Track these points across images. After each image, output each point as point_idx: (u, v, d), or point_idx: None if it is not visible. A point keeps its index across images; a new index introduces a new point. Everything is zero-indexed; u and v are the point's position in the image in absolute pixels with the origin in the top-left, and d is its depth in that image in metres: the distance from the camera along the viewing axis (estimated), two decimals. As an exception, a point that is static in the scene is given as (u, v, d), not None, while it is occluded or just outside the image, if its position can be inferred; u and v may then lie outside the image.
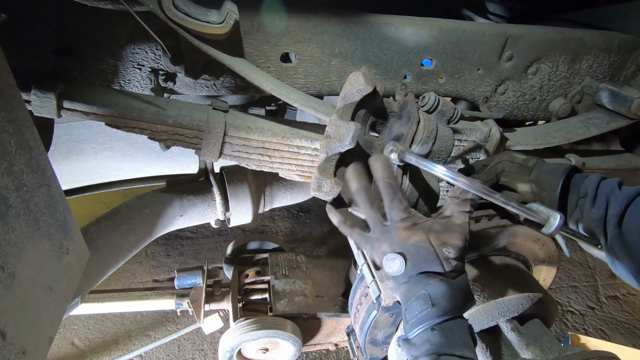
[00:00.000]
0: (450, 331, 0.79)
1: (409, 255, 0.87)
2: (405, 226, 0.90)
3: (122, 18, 1.17)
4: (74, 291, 1.02)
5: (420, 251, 0.86)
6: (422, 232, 0.88)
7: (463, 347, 0.78)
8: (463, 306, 0.85)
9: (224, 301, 1.87)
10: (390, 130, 1.21)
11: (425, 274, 0.85)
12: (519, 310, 1.30)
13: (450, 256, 0.86)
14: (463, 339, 0.80)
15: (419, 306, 0.83)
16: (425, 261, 0.86)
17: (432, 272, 0.85)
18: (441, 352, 0.76)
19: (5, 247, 0.73)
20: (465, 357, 0.76)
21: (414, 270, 0.86)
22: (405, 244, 0.87)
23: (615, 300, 2.74)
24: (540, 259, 1.53)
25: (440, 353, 0.76)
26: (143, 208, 1.51)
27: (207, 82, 1.35)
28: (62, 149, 1.89)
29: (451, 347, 0.77)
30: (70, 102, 1.07)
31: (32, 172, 0.81)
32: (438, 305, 0.81)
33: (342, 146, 1.06)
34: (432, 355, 0.76)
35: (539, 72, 1.54)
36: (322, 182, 1.09)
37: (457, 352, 0.76)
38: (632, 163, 1.77)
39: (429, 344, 0.78)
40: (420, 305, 0.83)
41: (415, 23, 1.36)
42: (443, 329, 0.79)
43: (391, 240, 0.89)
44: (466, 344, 0.80)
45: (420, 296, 0.83)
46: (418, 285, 0.84)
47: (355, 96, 1.09)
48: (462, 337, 0.80)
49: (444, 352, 0.76)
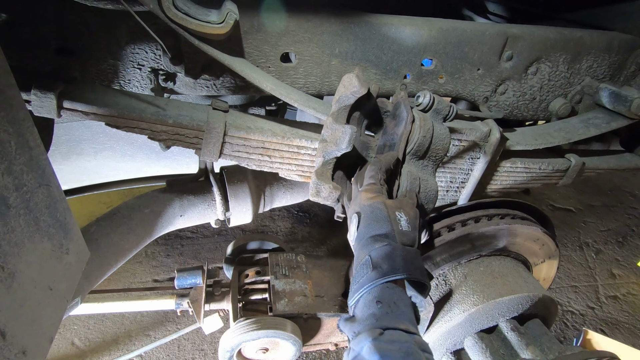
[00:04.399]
0: (396, 305, 0.77)
1: (363, 215, 0.90)
2: (368, 189, 0.95)
3: (122, 18, 1.17)
4: (74, 291, 1.01)
5: (374, 211, 0.89)
6: (381, 197, 0.92)
7: (408, 322, 0.75)
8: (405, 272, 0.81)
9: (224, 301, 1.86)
10: (385, 130, 1.21)
11: (373, 237, 0.86)
12: (519, 310, 1.30)
13: (402, 221, 0.87)
14: (407, 314, 0.78)
15: (361, 271, 0.83)
16: (377, 221, 0.88)
17: (380, 235, 0.85)
18: (386, 326, 0.73)
19: (5, 247, 0.73)
20: (410, 332, 0.73)
21: (366, 232, 0.88)
22: (363, 204, 0.92)
23: (615, 300, 2.74)
24: (540, 258, 1.53)
25: (385, 327, 0.73)
26: (143, 208, 1.51)
27: (207, 82, 1.35)
28: (62, 149, 1.89)
29: (396, 320, 0.74)
30: (70, 102, 1.07)
31: (32, 172, 0.81)
32: (377, 268, 0.80)
33: (338, 150, 1.06)
34: (377, 330, 0.72)
35: (539, 72, 1.54)
36: (321, 187, 1.09)
37: (402, 325, 0.73)
38: (632, 163, 1.77)
39: (373, 318, 0.75)
40: (363, 270, 0.82)
41: (415, 23, 1.36)
42: (388, 303, 0.77)
43: (355, 200, 0.95)
44: (410, 319, 0.77)
45: (365, 261, 0.83)
46: (364, 249, 0.85)
47: (350, 99, 1.09)
48: (407, 312, 0.78)
49: (388, 325, 0.73)
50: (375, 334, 0.71)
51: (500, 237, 1.39)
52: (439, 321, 1.30)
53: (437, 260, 1.38)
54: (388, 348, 0.69)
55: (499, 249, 1.42)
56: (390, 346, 0.69)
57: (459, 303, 1.29)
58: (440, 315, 1.31)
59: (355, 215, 0.92)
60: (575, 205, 3.43)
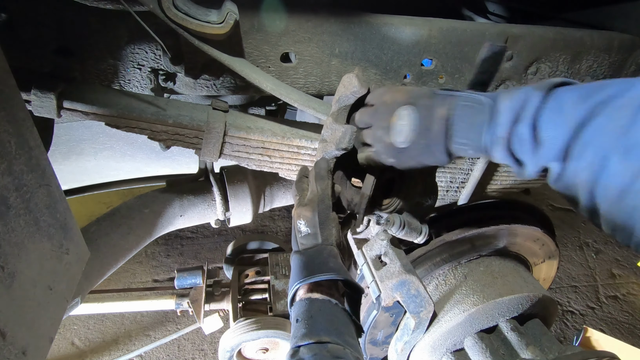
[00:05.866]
0: (312, 318, 0.77)
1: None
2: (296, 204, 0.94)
3: (122, 18, 1.17)
4: (74, 291, 1.02)
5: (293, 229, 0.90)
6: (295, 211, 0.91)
7: (322, 333, 0.74)
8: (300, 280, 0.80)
9: (224, 301, 1.87)
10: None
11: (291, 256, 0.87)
12: (519, 310, 1.30)
13: (301, 226, 0.87)
14: (323, 324, 0.76)
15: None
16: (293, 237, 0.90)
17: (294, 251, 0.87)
18: (297, 344, 0.73)
19: (5, 247, 0.73)
20: (322, 342, 0.72)
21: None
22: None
23: (615, 300, 2.74)
24: (540, 258, 1.53)
25: (297, 345, 0.73)
26: (143, 208, 1.51)
27: (207, 82, 1.35)
28: (62, 149, 1.89)
29: (310, 334, 0.73)
30: (70, 102, 1.07)
31: (32, 172, 0.81)
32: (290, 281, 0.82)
33: (338, 150, 1.06)
34: (292, 350, 0.73)
35: (539, 72, 1.54)
36: None
37: (314, 338, 0.72)
38: (632, 163, 1.76)
39: (293, 338, 0.75)
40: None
41: (415, 23, 1.36)
42: (304, 319, 0.77)
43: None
44: (326, 329, 0.75)
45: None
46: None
47: (350, 98, 1.09)
48: (323, 322, 0.76)
49: (300, 342, 0.73)
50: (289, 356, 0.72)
51: (500, 237, 1.39)
52: (439, 321, 1.30)
53: (437, 260, 1.38)
54: None
55: (499, 249, 1.42)
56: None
57: (459, 303, 1.29)
58: (440, 315, 1.31)
59: None
60: (575, 205, 3.42)
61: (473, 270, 1.36)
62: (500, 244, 1.40)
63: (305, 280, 0.79)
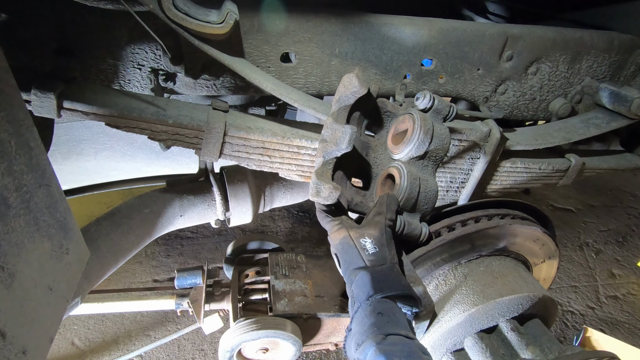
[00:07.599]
0: (394, 315, 0.83)
1: (339, 254, 0.99)
2: (334, 230, 1.03)
3: (122, 18, 1.17)
4: (74, 291, 1.01)
5: (344, 247, 0.97)
6: (344, 230, 1.00)
7: (407, 330, 0.81)
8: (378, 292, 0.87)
9: (224, 301, 1.86)
10: (387, 130, 1.21)
11: (350, 272, 0.93)
12: (519, 310, 1.30)
13: (367, 245, 0.95)
14: (405, 323, 0.83)
15: (350, 306, 0.90)
16: (349, 254, 0.95)
17: (355, 267, 0.93)
18: (388, 332, 0.78)
19: (5, 247, 0.73)
20: (410, 337, 0.78)
21: (345, 268, 0.96)
22: (336, 244, 1.00)
23: (615, 300, 2.74)
24: (540, 258, 1.53)
25: (387, 333, 0.78)
26: (143, 208, 1.51)
27: (207, 82, 1.35)
28: (62, 149, 1.89)
29: (397, 327, 0.80)
30: (70, 102, 1.07)
31: (32, 172, 0.81)
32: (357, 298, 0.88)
33: (338, 150, 1.06)
34: (380, 335, 0.77)
35: (539, 72, 1.54)
36: (321, 187, 1.08)
37: (402, 332, 0.79)
38: (632, 163, 1.77)
39: (375, 327, 0.80)
40: (351, 305, 0.90)
41: (415, 23, 1.36)
42: (388, 314, 0.82)
43: (331, 244, 1.02)
44: (408, 328, 0.83)
45: (351, 296, 0.91)
46: (348, 284, 0.93)
47: (350, 98, 1.09)
48: (404, 321, 0.84)
49: (390, 332, 0.78)
50: (378, 339, 0.77)
51: (501, 237, 1.39)
52: (439, 321, 1.30)
53: (437, 260, 1.38)
54: (392, 349, 0.73)
55: (499, 249, 1.41)
56: (393, 348, 0.74)
57: (459, 303, 1.29)
58: (440, 315, 1.31)
59: (334, 256, 1.02)
60: (575, 205, 3.43)
61: (473, 270, 1.36)
62: (501, 244, 1.40)
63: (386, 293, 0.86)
